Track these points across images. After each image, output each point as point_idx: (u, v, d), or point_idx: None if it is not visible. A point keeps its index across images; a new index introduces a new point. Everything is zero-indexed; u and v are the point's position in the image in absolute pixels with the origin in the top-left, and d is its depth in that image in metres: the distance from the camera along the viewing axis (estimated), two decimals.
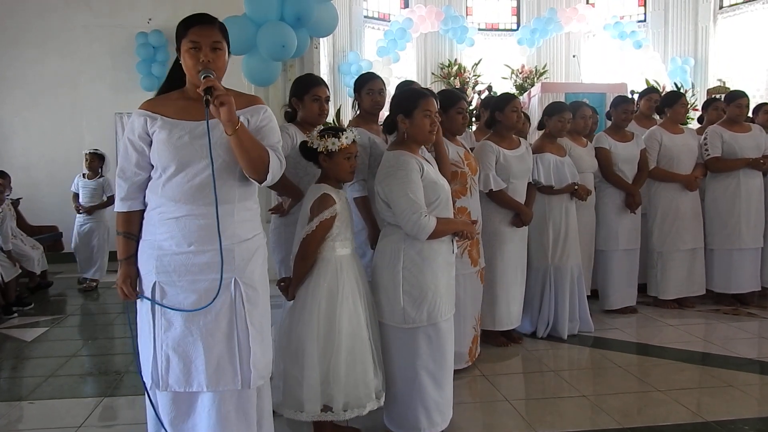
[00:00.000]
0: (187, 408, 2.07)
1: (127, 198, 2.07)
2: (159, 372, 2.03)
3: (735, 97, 4.92)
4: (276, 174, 2.08)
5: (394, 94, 2.87)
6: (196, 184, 1.98)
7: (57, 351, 4.25)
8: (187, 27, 2.01)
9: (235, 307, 2.03)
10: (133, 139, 2.03)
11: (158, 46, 7.65)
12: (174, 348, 2.01)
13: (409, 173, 2.53)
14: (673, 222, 4.73)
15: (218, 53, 2.01)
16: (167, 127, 2.00)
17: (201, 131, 1.98)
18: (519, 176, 3.83)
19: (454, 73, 11.81)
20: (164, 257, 2.00)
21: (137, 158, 2.04)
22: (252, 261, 2.09)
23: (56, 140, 7.84)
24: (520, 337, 4.07)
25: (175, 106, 2.05)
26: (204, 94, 1.90)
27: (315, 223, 2.46)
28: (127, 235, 2.09)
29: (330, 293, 2.48)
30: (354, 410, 2.48)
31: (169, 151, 1.98)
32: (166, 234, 2.00)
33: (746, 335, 4.19)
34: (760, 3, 10.80)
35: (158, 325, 2.03)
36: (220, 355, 2.02)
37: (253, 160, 1.99)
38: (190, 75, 2.03)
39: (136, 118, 2.04)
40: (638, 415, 2.94)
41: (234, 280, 2.03)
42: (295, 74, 3.93)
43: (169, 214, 2.00)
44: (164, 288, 2.02)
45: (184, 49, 2.01)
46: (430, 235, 2.52)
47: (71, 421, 2.98)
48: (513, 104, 3.80)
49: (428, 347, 2.59)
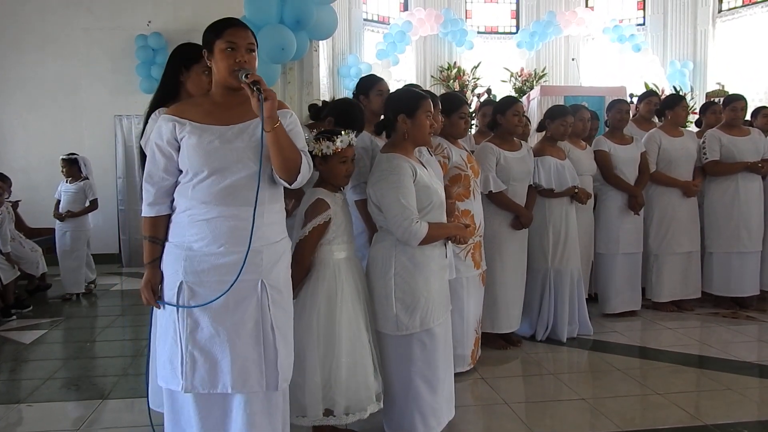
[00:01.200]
0: (219, 415, 2.06)
1: (155, 203, 2.06)
2: (185, 373, 2.01)
3: (731, 100, 4.94)
4: (305, 176, 2.09)
5: (391, 96, 2.87)
6: (226, 186, 1.99)
7: (55, 353, 4.24)
8: (221, 29, 2.02)
9: (262, 308, 2.03)
10: (161, 144, 2.03)
11: (158, 48, 7.65)
12: (200, 348, 2.01)
13: (401, 178, 2.51)
14: (669, 225, 4.73)
15: (253, 55, 2.04)
16: (197, 132, 2.00)
17: (231, 135, 2.00)
18: (519, 178, 3.84)
19: (453, 76, 11.83)
20: (194, 258, 2.00)
21: (165, 163, 2.04)
22: (279, 264, 2.09)
23: (56, 142, 7.82)
24: (520, 340, 4.07)
25: (201, 111, 2.06)
26: (253, 86, 1.91)
27: (308, 228, 2.46)
28: (153, 239, 2.08)
29: (329, 297, 2.48)
30: (356, 413, 2.48)
31: (199, 156, 1.98)
32: (196, 235, 2.01)
33: (745, 338, 4.19)
34: (759, 6, 10.83)
35: (182, 325, 2.02)
36: (246, 357, 2.01)
37: (287, 160, 2.01)
38: (222, 75, 2.03)
39: (164, 123, 2.04)
40: (637, 418, 2.94)
41: (261, 282, 2.03)
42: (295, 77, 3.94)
43: (200, 216, 2.00)
44: (192, 288, 2.01)
45: (218, 49, 2.01)
46: (422, 241, 2.51)
47: (69, 423, 2.97)
48: (515, 108, 3.80)
49: (422, 353, 2.58)
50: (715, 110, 5.22)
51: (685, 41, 11.52)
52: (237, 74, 1.98)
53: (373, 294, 2.62)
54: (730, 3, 11.28)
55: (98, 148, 7.84)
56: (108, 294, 6.24)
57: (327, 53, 10.33)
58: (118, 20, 7.85)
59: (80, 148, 7.83)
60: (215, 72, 2.06)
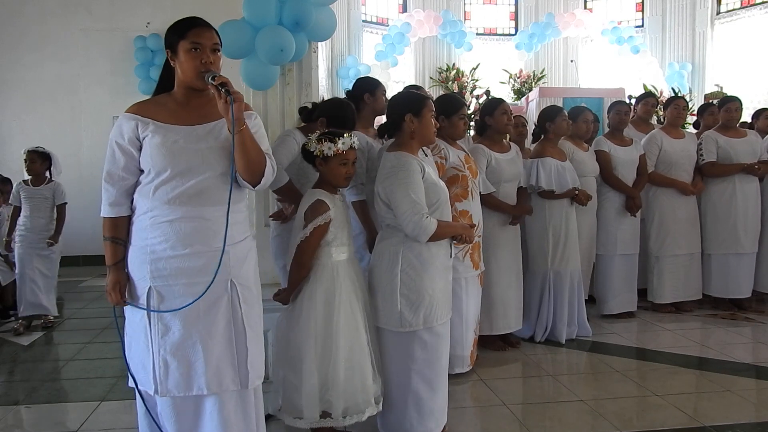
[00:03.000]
0: (192, 415, 2.05)
1: (115, 203, 2.03)
2: (157, 378, 2.00)
3: (725, 102, 4.97)
4: (268, 179, 2.09)
5: (395, 97, 2.89)
6: (191, 187, 1.97)
7: (54, 355, 4.24)
8: (185, 29, 2.01)
9: (233, 308, 2.03)
10: (122, 142, 2.01)
11: (156, 49, 7.66)
12: (173, 353, 1.99)
13: (411, 174, 2.53)
14: (670, 226, 4.74)
15: (218, 55, 2.03)
16: (161, 131, 1.98)
17: (195, 136, 1.99)
18: (509, 180, 3.86)
19: (452, 78, 11.82)
20: (158, 261, 1.98)
21: (125, 162, 2.01)
22: (246, 262, 2.10)
23: (55, 144, 7.72)
24: (518, 341, 4.07)
25: (165, 110, 2.04)
26: (221, 88, 1.90)
27: (309, 229, 2.45)
28: (114, 240, 2.05)
29: (327, 299, 2.48)
30: (354, 416, 2.47)
31: (163, 156, 1.97)
32: (159, 238, 1.98)
33: (743, 340, 4.19)
34: (757, 8, 10.84)
35: (154, 330, 2.00)
36: (220, 357, 2.01)
37: (251, 162, 2.00)
38: (188, 77, 2.02)
39: (125, 122, 2.01)
40: (636, 419, 2.94)
41: (230, 282, 2.03)
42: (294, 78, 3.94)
43: (163, 217, 1.98)
44: (160, 292, 2.00)
45: (182, 50, 2.00)
46: (431, 237, 2.52)
47: (68, 425, 2.97)
48: (502, 107, 3.84)
49: (423, 352, 2.58)
50: (713, 112, 5.23)
51: (684, 43, 11.53)
52: (203, 76, 1.96)
53: (377, 290, 2.62)
54: (729, 5, 11.29)
55: (97, 149, 7.83)
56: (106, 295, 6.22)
57: (326, 54, 10.32)
58: (116, 21, 7.86)
59: (79, 150, 7.85)
60: (179, 73, 2.04)
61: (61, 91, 7.84)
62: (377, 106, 3.36)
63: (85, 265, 7.75)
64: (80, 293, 6.28)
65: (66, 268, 7.18)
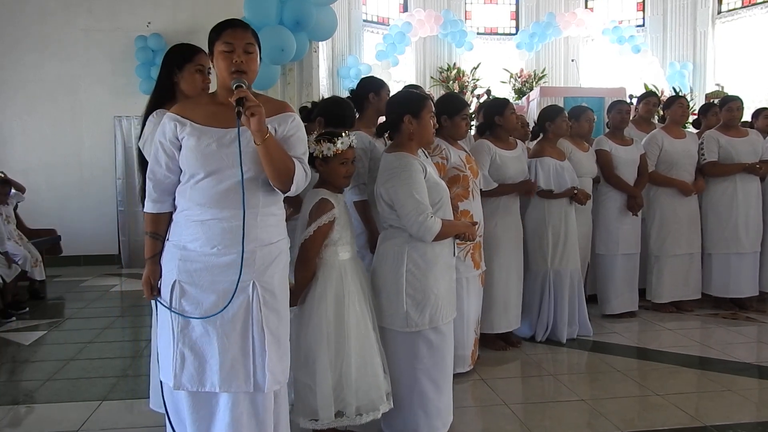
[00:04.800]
0: (208, 412, 2.07)
1: (157, 200, 2.10)
2: (174, 370, 2.04)
3: (727, 101, 4.96)
4: (300, 185, 2.10)
5: (394, 97, 2.88)
6: (221, 189, 2.00)
7: (55, 354, 4.24)
8: (220, 30, 2.04)
9: (252, 309, 2.04)
10: (164, 142, 2.06)
11: (157, 49, 7.65)
12: (190, 346, 2.03)
13: (413, 174, 2.53)
14: (670, 226, 4.74)
15: (251, 56, 2.05)
16: (196, 133, 2.02)
17: (228, 139, 2.01)
18: (515, 177, 3.84)
19: (453, 77, 11.83)
20: (188, 258, 2.03)
21: (167, 161, 2.07)
22: (273, 265, 2.09)
23: (55, 144, 7.84)
24: (519, 340, 4.07)
25: (204, 112, 2.07)
26: (236, 105, 1.92)
27: (313, 228, 2.45)
28: (153, 235, 2.12)
29: (337, 299, 2.48)
30: (369, 414, 2.47)
31: (196, 158, 2.01)
32: (191, 236, 2.03)
33: (745, 340, 4.19)
34: (758, 8, 10.84)
35: (175, 323, 2.05)
36: (234, 357, 2.03)
37: (278, 171, 2.01)
38: (222, 78, 2.05)
39: (167, 122, 2.06)
40: (637, 419, 2.94)
41: (252, 283, 2.04)
42: (294, 78, 3.94)
43: (195, 217, 2.03)
44: (184, 286, 2.04)
45: (217, 51, 2.04)
46: (435, 237, 2.52)
47: (69, 424, 2.97)
48: (510, 107, 3.86)
49: (429, 351, 2.58)
50: (715, 111, 5.22)
51: (685, 42, 11.53)
52: (232, 84, 1.99)
53: (382, 290, 2.62)
54: (730, 4, 11.29)
55: (98, 149, 7.85)
56: (107, 295, 6.24)
57: (327, 54, 10.33)
58: (117, 21, 7.85)
59: (80, 150, 7.86)
60: (218, 74, 2.08)
61: (62, 91, 7.83)
62: (381, 106, 3.36)
63: (85, 264, 7.76)
64: (81, 293, 6.28)
65: (66, 267, 7.23)
